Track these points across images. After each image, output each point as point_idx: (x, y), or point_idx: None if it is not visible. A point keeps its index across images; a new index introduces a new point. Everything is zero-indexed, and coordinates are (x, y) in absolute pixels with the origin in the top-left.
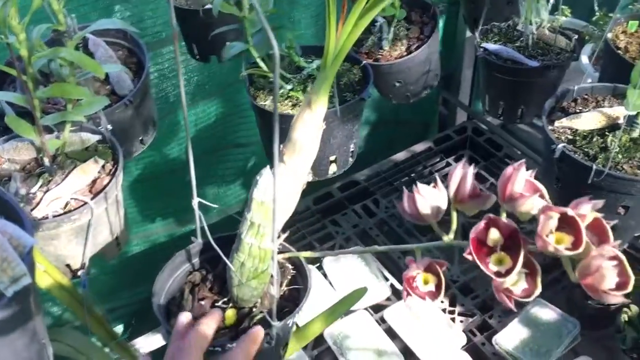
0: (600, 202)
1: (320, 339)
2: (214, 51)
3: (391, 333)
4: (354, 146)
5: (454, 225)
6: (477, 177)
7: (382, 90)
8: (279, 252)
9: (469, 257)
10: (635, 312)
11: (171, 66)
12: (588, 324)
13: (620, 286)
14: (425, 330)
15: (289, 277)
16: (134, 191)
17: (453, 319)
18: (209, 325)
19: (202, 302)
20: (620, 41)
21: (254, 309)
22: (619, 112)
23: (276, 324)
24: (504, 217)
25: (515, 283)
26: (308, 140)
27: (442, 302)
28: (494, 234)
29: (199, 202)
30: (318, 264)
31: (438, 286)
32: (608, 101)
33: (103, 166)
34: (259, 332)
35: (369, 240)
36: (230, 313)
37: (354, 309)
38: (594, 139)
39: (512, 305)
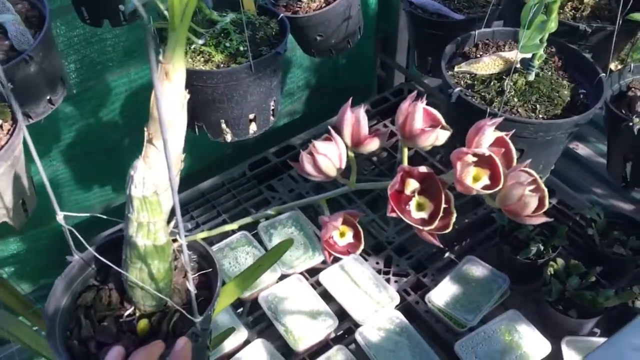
0: (498, 120)
1: (255, 305)
2: (105, 14)
3: (327, 296)
4: (274, 104)
5: (354, 170)
6: None
7: (304, 46)
8: (173, 241)
9: (393, 215)
10: (561, 265)
11: (93, 30)
12: (517, 279)
13: (539, 205)
14: (360, 292)
15: (192, 263)
16: (66, 170)
17: (388, 280)
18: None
19: (105, 323)
20: None
21: (166, 310)
22: (517, 55)
23: (199, 319)
24: (405, 154)
25: None
26: (173, 115)
27: (377, 263)
28: (413, 185)
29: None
30: (254, 232)
31: (356, 236)
32: (508, 45)
33: (1, 126)
34: (185, 345)
35: (306, 205)
36: (143, 324)
37: (289, 273)
38: (492, 83)
39: (437, 242)
